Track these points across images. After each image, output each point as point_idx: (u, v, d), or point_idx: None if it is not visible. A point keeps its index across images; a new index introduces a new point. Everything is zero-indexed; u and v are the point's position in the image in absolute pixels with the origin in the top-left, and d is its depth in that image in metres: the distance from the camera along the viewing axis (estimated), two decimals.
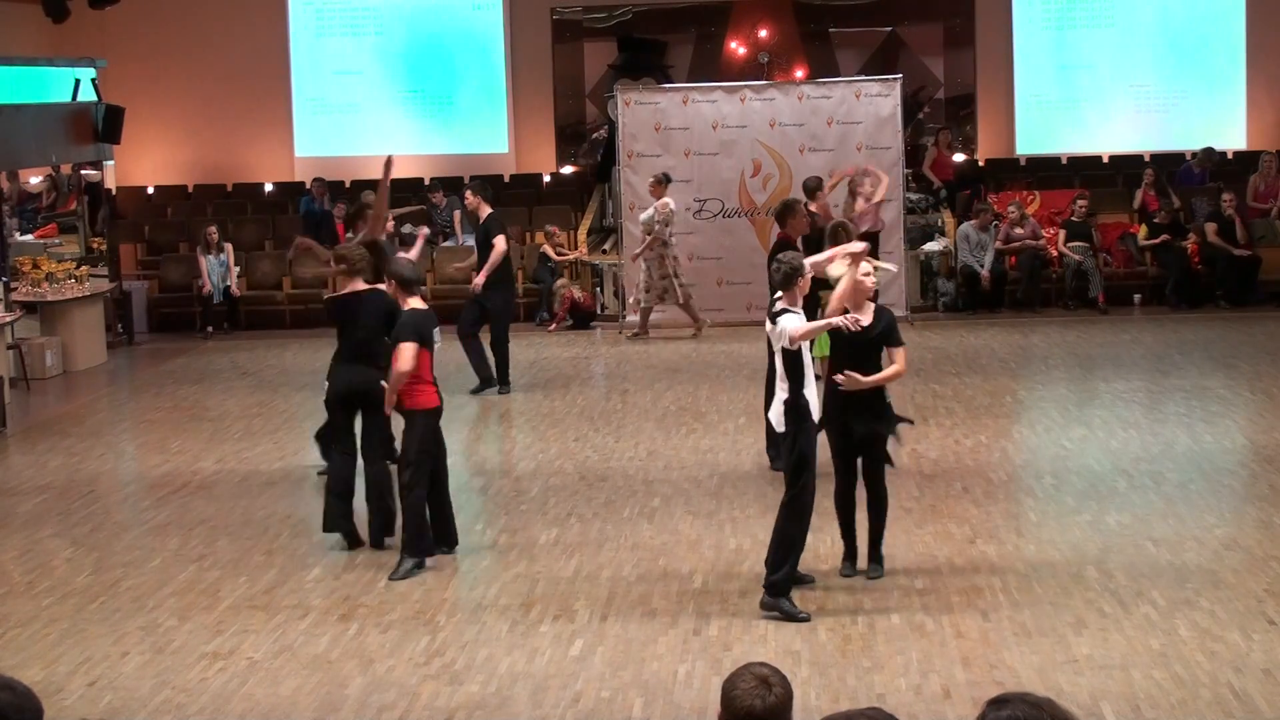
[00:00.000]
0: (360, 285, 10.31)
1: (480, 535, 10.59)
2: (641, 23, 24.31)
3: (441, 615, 8.83)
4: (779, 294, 8.74)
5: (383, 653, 8.26)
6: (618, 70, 23.90)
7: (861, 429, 9.06)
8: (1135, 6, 22.93)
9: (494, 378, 15.37)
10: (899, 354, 9.02)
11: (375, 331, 10.20)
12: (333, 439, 10.47)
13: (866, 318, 9.03)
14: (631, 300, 18.98)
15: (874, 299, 9.19)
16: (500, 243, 15.11)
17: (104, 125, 19.48)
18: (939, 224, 21.01)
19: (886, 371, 9.02)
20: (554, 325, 19.64)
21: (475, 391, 15.25)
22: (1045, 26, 23.11)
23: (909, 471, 11.50)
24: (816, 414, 8.71)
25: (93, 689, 7.91)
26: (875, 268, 9.37)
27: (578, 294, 19.85)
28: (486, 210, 15.38)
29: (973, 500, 10.81)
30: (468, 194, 15.72)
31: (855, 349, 9.02)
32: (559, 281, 19.97)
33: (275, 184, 23.78)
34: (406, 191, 21.99)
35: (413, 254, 13.83)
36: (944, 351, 15.43)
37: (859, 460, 9.26)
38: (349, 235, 13.75)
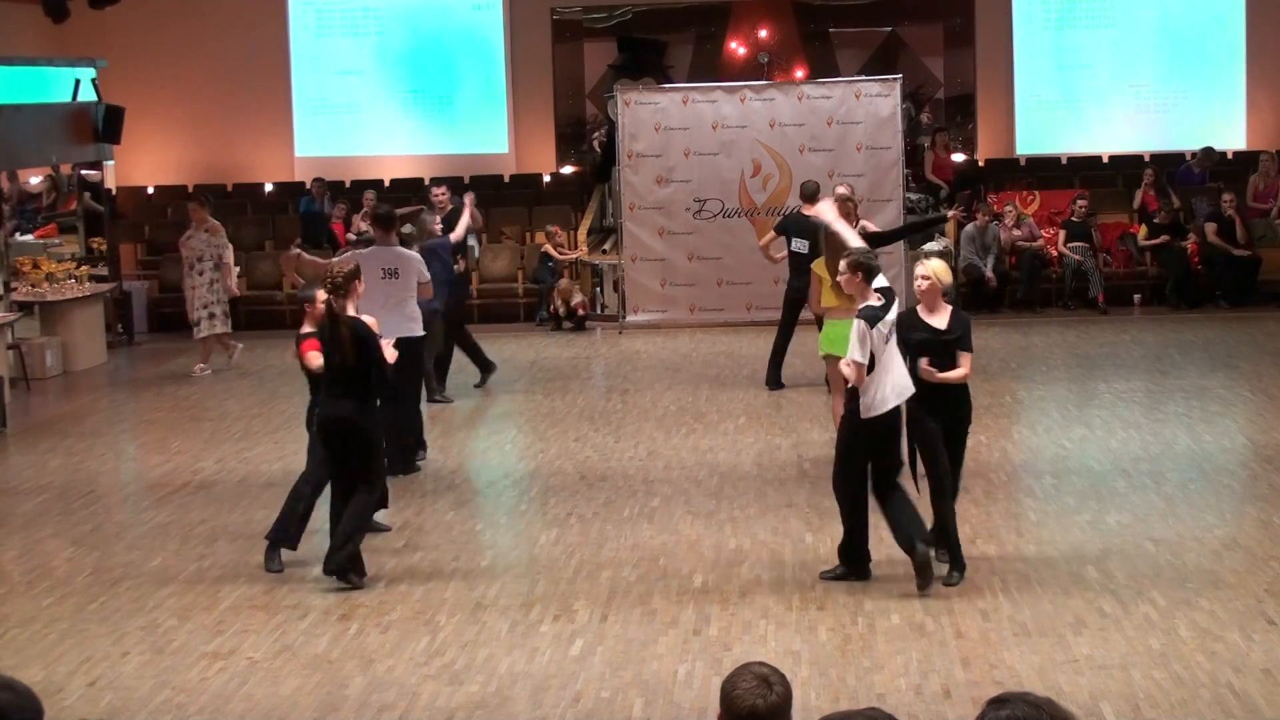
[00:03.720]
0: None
1: (480, 535, 10.59)
2: (641, 23, 24.31)
3: (441, 615, 8.83)
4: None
5: (383, 653, 8.26)
6: (618, 70, 23.91)
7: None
8: (1135, 6, 22.94)
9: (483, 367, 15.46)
10: (965, 358, 9.10)
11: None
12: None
13: (943, 321, 9.16)
14: (200, 330, 17.38)
15: (949, 301, 9.33)
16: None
17: (104, 125, 19.47)
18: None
19: (953, 373, 9.04)
20: (549, 320, 19.66)
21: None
22: (1045, 26, 23.12)
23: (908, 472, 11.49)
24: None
25: (93, 689, 7.91)
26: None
27: (577, 297, 19.84)
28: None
29: (973, 500, 10.80)
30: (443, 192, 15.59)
31: (931, 350, 9.10)
32: (561, 282, 19.94)
33: (275, 184, 23.78)
34: (406, 191, 22.03)
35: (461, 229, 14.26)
36: None
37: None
38: (349, 236, 13.79)
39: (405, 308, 11.82)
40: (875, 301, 8.85)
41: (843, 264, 9.08)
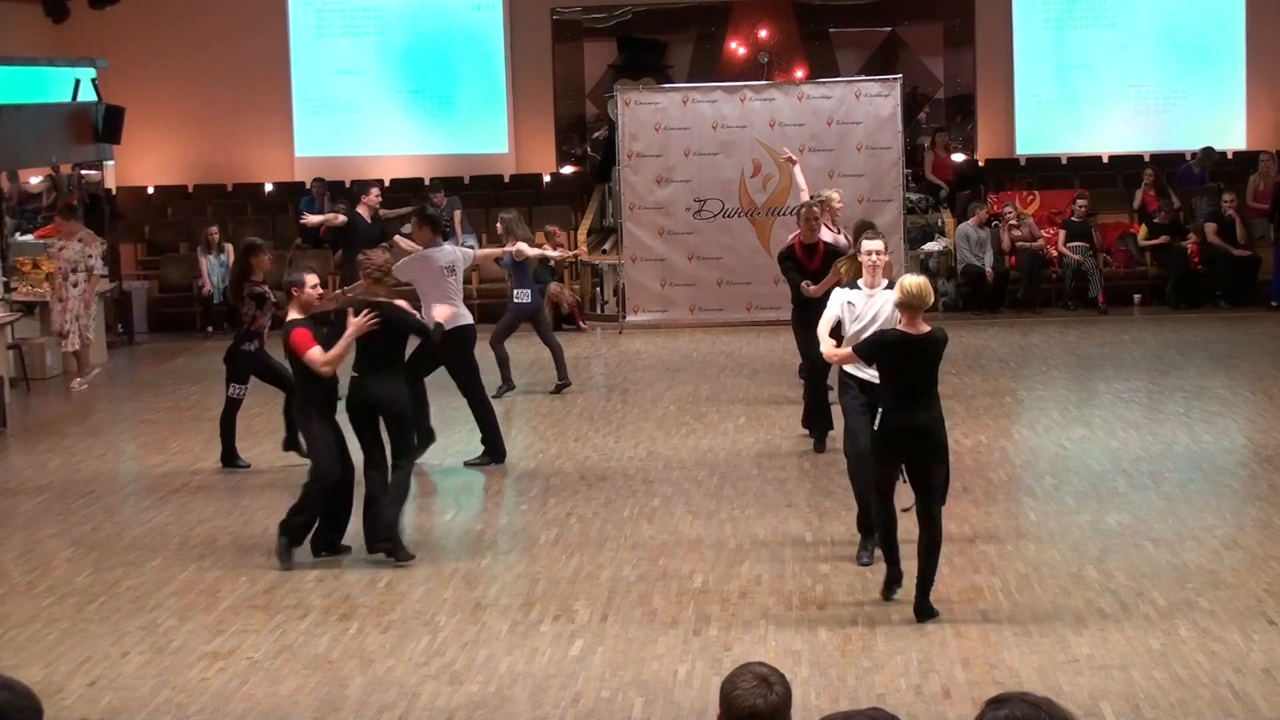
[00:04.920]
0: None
1: (480, 535, 10.59)
2: (641, 23, 24.31)
3: (441, 615, 8.83)
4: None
5: (383, 653, 8.26)
6: (618, 70, 23.90)
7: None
8: (1135, 6, 22.93)
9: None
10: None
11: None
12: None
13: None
14: (71, 342, 16.69)
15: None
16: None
17: (104, 125, 19.47)
18: (939, 224, 21.02)
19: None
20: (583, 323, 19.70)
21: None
22: (1045, 26, 23.11)
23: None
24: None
25: (93, 689, 7.90)
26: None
27: (568, 296, 19.87)
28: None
29: (973, 500, 10.81)
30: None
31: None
32: (552, 286, 19.93)
33: (275, 184, 23.78)
34: (406, 191, 22.04)
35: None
36: (944, 351, 15.44)
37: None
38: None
39: (460, 301, 12.45)
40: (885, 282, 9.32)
41: (882, 243, 9.33)
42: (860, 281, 9.36)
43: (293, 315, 9.97)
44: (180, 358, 18.49)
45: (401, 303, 10.12)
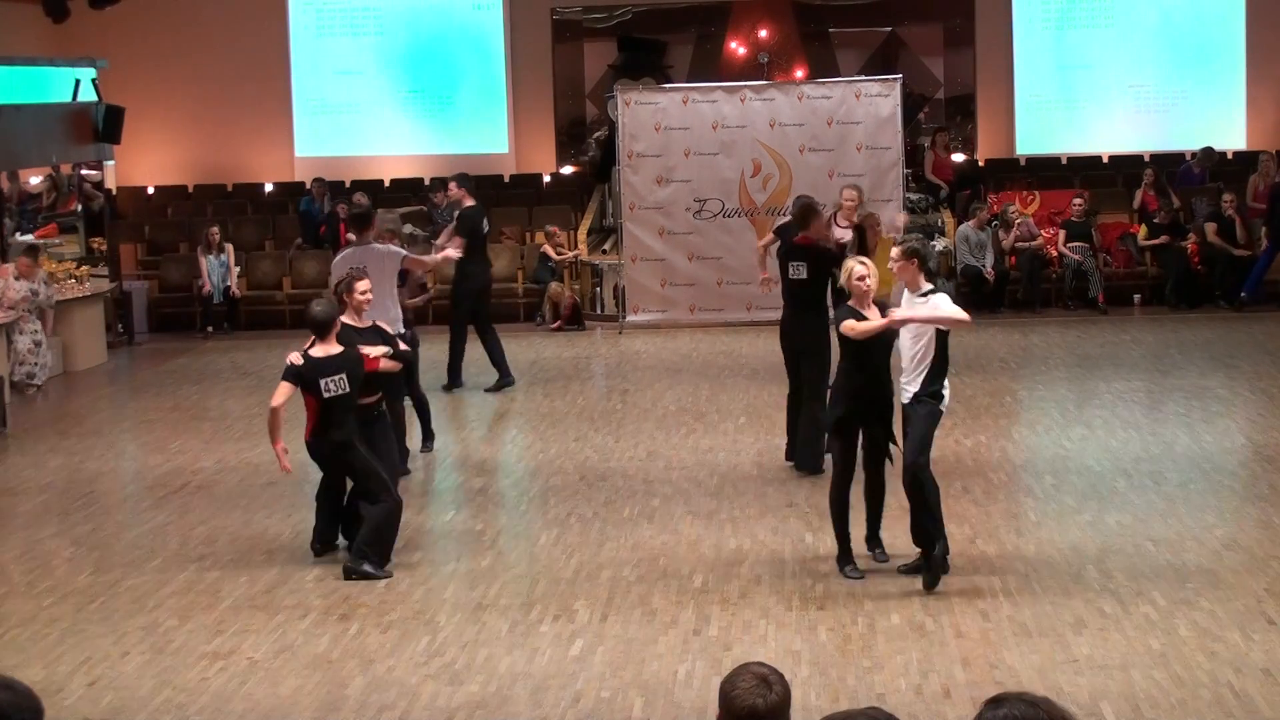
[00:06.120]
0: None
1: (480, 535, 10.59)
2: (641, 23, 24.31)
3: (441, 615, 8.84)
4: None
5: (383, 653, 8.26)
6: (618, 70, 23.90)
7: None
8: (1135, 6, 22.94)
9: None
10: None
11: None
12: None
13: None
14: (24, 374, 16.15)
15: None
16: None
17: (104, 125, 19.47)
18: (939, 224, 21.01)
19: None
20: (558, 324, 19.64)
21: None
22: (1045, 26, 23.12)
23: None
24: None
25: (93, 689, 7.91)
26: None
27: (567, 298, 19.86)
28: (469, 202, 15.45)
29: (973, 500, 10.81)
30: (452, 186, 15.83)
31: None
32: (552, 286, 19.94)
33: (275, 184, 23.79)
34: (406, 191, 22.04)
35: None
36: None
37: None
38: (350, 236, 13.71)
39: (379, 308, 11.30)
40: (928, 287, 9.08)
41: (896, 251, 9.13)
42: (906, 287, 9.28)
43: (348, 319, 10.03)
44: (180, 358, 18.49)
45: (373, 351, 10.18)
